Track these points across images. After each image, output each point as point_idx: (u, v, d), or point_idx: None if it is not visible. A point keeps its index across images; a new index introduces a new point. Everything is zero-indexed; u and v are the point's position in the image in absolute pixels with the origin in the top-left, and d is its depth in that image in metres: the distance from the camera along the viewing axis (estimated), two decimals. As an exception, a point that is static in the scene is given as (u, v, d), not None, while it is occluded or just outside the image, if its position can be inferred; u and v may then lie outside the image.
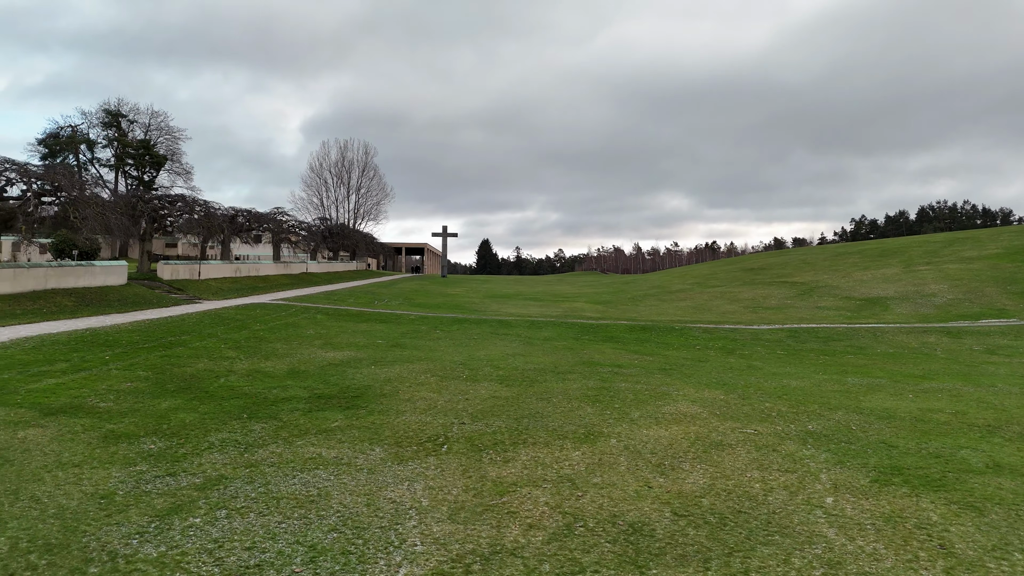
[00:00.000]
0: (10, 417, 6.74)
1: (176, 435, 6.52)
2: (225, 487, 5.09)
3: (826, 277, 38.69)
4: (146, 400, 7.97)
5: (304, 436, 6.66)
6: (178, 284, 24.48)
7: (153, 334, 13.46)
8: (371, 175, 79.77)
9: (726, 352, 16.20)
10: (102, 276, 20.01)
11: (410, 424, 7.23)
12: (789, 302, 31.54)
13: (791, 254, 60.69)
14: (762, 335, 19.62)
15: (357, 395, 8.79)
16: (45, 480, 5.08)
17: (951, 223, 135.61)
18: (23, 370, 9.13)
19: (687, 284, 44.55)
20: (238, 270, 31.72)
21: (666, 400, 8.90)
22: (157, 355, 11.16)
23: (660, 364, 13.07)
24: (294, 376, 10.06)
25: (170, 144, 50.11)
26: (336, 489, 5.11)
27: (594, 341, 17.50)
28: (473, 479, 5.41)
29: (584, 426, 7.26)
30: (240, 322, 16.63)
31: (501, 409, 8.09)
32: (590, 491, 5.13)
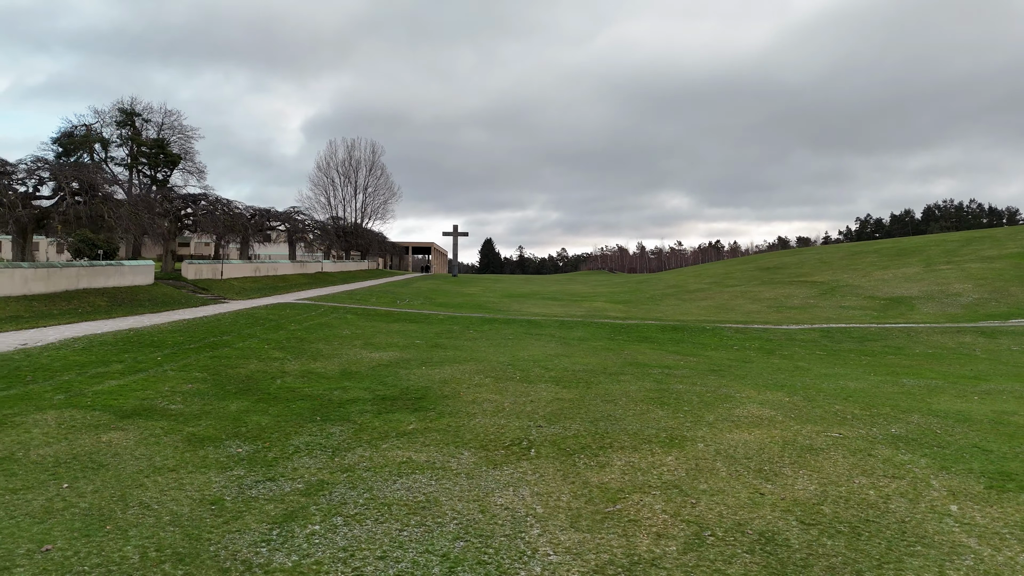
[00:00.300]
0: (88, 420, 6.66)
1: (258, 438, 6.43)
2: (330, 493, 5.00)
3: (846, 276, 38.46)
4: (213, 402, 7.89)
5: (385, 439, 6.56)
6: (202, 284, 24.44)
7: (195, 335, 13.39)
8: (378, 174, 79.50)
9: (766, 352, 16.06)
10: (131, 276, 19.97)
11: (487, 427, 7.12)
12: (812, 301, 31.34)
13: (806, 253, 60.38)
14: (795, 335, 19.46)
15: (420, 397, 8.69)
16: (147, 485, 5.00)
17: (957, 222, 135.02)
18: (81, 371, 9.06)
19: (704, 283, 44.35)
20: (257, 269, 31.68)
21: (732, 403, 8.77)
22: (206, 356, 11.08)
23: (707, 365, 12.93)
24: (348, 377, 9.97)
25: (183, 143, 50.13)
26: (443, 495, 5.01)
27: (629, 341, 17.38)
28: (576, 485, 5.30)
29: (664, 430, 7.15)
30: (274, 322, 16.56)
31: (570, 412, 7.98)
32: (702, 498, 5.01)
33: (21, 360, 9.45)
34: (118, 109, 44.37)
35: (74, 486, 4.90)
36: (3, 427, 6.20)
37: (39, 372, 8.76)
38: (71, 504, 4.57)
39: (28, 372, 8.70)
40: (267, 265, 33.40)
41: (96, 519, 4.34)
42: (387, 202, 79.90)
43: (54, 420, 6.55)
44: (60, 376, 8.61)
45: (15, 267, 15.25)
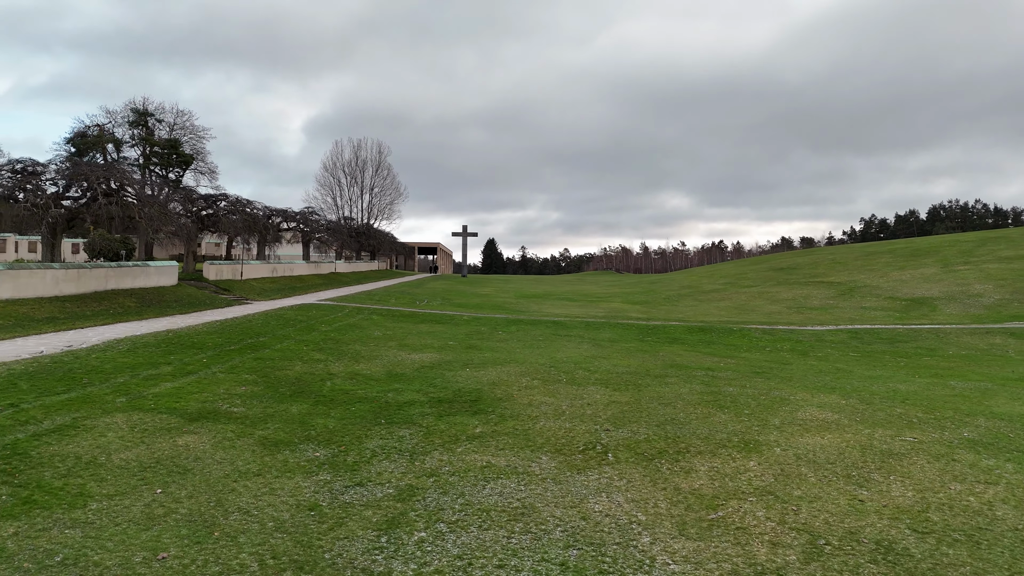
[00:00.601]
0: (157, 423, 6.61)
1: (330, 442, 6.36)
2: (424, 498, 4.93)
3: (863, 277, 38.29)
4: (272, 404, 7.83)
5: (457, 443, 6.49)
6: (223, 284, 24.43)
7: (231, 336, 13.35)
8: (384, 174, 79.47)
9: (799, 354, 15.96)
10: (156, 277, 19.95)
11: (554, 431, 7.05)
12: (832, 302, 31.20)
13: (819, 253, 60.16)
14: (824, 336, 19.34)
15: (474, 399, 8.62)
16: (239, 491, 4.94)
17: (962, 223, 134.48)
18: (133, 373, 9.02)
19: (718, 284, 44.22)
20: (274, 270, 31.67)
21: (790, 405, 8.68)
22: (249, 358, 11.04)
23: (747, 367, 12.84)
24: (396, 379, 9.91)
25: (195, 143, 50.21)
26: (537, 501, 4.94)
27: (660, 343, 17.29)
28: (668, 491, 5.22)
29: (734, 434, 7.06)
30: (304, 324, 16.52)
31: (632, 415, 7.90)
32: (802, 505, 4.93)
33: (71, 362, 9.42)
34: (131, 109, 44.46)
35: (167, 491, 4.84)
36: (77, 431, 6.15)
37: (92, 374, 8.72)
38: (171, 510, 4.51)
39: (82, 374, 8.66)
40: (283, 266, 33.41)
41: (201, 525, 4.29)
42: (393, 202, 79.93)
43: (125, 423, 6.50)
44: (115, 378, 8.57)
45: (46, 268, 15.24)
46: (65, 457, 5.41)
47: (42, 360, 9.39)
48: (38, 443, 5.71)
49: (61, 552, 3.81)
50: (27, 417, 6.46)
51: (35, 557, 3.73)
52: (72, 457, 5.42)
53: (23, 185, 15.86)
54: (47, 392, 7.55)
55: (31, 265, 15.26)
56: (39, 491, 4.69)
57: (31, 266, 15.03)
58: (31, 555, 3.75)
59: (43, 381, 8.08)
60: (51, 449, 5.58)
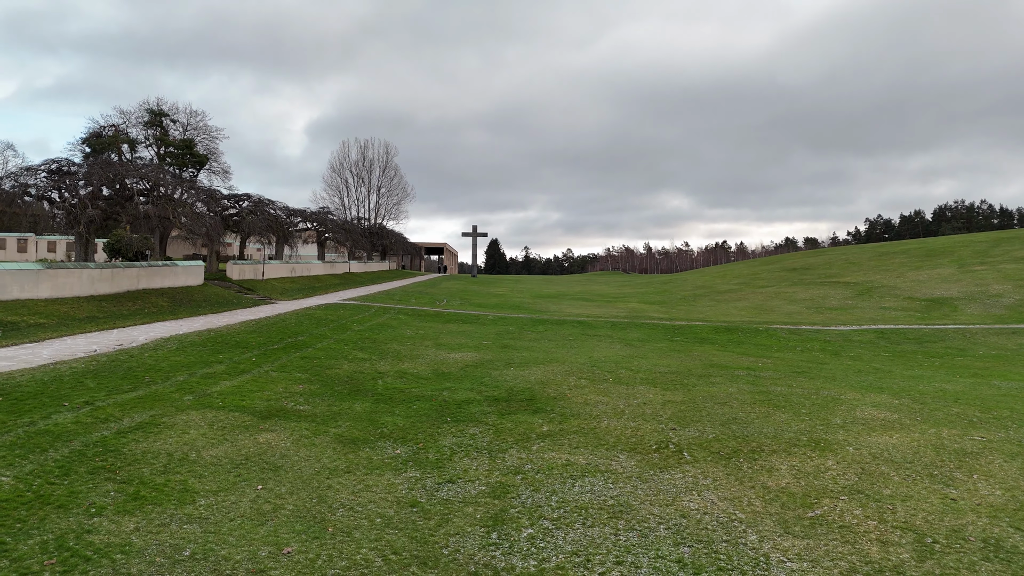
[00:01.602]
0: (233, 421, 6.66)
1: (405, 439, 6.40)
2: (518, 495, 4.96)
3: (879, 277, 38.17)
4: (335, 403, 7.88)
5: (528, 440, 6.52)
6: (246, 284, 24.53)
7: (270, 335, 13.42)
8: (391, 175, 79.31)
9: (831, 354, 15.94)
10: (183, 276, 20.05)
11: (620, 429, 7.07)
12: (851, 302, 31.12)
13: (831, 254, 59.98)
14: (851, 336, 19.31)
15: (529, 399, 8.65)
16: (335, 487, 4.97)
17: (968, 223, 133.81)
18: (190, 372, 9.08)
19: (733, 284, 44.15)
20: (293, 270, 31.79)
21: (844, 405, 8.68)
22: (295, 357, 11.09)
23: (786, 367, 12.83)
24: (444, 378, 9.95)
25: (208, 144, 50.32)
26: (631, 499, 4.96)
27: (689, 342, 17.28)
28: (757, 489, 5.23)
29: (801, 433, 7.07)
30: (336, 323, 16.58)
31: (692, 415, 7.92)
32: (896, 504, 4.94)
33: (127, 360, 9.49)
34: (146, 110, 44.64)
35: (267, 487, 4.88)
36: (160, 428, 6.21)
37: (152, 372, 8.78)
38: (278, 506, 4.55)
39: (142, 372, 8.73)
40: (301, 266, 33.54)
41: (311, 521, 4.32)
42: (400, 202, 79.77)
43: (202, 421, 6.55)
44: (174, 376, 8.63)
45: (83, 267, 15.34)
46: (157, 454, 5.46)
47: (99, 359, 9.46)
48: (126, 440, 5.77)
49: (188, 547, 3.85)
50: (106, 415, 6.52)
51: (164, 552, 3.78)
52: (164, 454, 5.47)
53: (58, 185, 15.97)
54: (115, 390, 7.61)
55: (68, 265, 15.37)
56: (144, 487, 4.74)
57: (68, 266, 15.14)
58: (159, 550, 3.80)
59: (108, 379, 8.15)
60: (141, 447, 5.63)
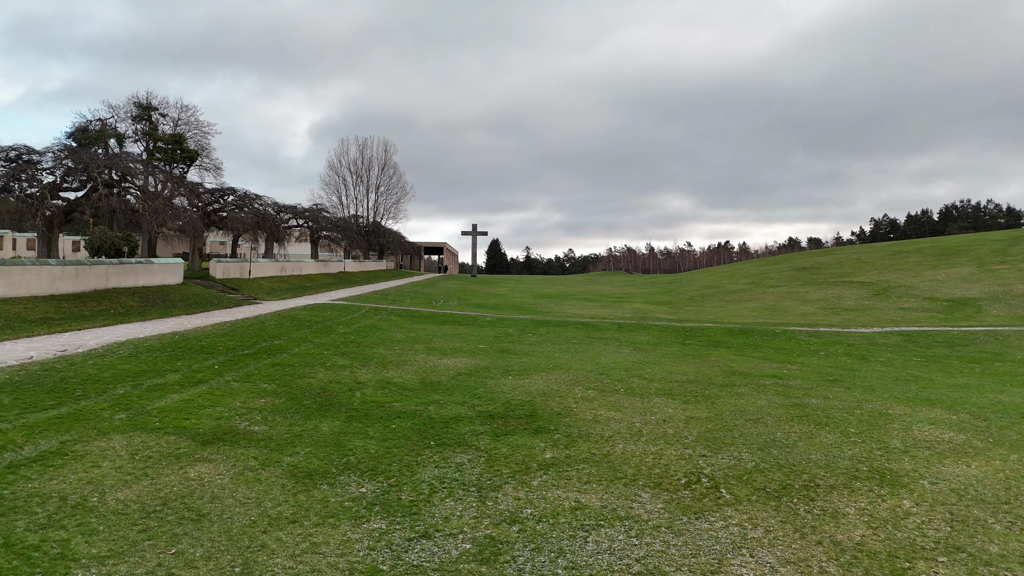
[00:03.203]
0: (164, 448, 5.47)
1: (376, 471, 5.21)
2: (513, 559, 3.77)
3: (894, 277, 36.94)
4: (298, 421, 6.69)
5: (528, 473, 5.34)
6: (231, 283, 23.35)
7: (243, 339, 12.23)
8: (390, 173, 77.97)
9: (858, 358, 14.73)
10: (160, 275, 18.87)
11: (640, 456, 5.88)
12: (867, 303, 29.89)
13: (841, 253, 58.70)
14: (875, 339, 18.09)
15: (529, 414, 7.46)
16: (271, 547, 3.78)
17: (974, 222, 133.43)
18: (136, 383, 7.89)
19: (741, 284, 42.92)
20: (283, 269, 30.61)
21: (896, 422, 7.49)
22: (266, 364, 9.90)
23: (815, 374, 11.63)
24: (433, 389, 8.76)
25: (199, 139, 49.07)
26: (663, 562, 3.77)
27: (702, 346, 16.08)
28: (827, 546, 4.04)
29: (859, 460, 5.87)
30: (320, 325, 15.40)
31: (722, 435, 6.73)
32: (1017, 570, 3.75)
33: (64, 370, 8.30)
34: (134, 103, 43.35)
35: (180, 548, 3.69)
36: (65, 460, 5.02)
37: (89, 384, 7.59)
38: (184, 581, 3.36)
39: (76, 384, 7.54)
40: (292, 264, 32.34)
41: (225, 607, 3.14)
42: (400, 201, 78.56)
43: (124, 449, 5.36)
44: (114, 389, 7.44)
45: (42, 264, 14.17)
46: (47, 497, 4.27)
47: (30, 367, 8.27)
48: (14, 478, 4.58)
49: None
50: (4, 441, 5.33)
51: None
52: (56, 498, 4.28)
53: (17, 175, 14.76)
54: (33, 407, 6.43)
55: (24, 261, 14.20)
56: (5, 553, 3.54)
57: (24, 262, 13.96)
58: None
59: (29, 393, 6.96)
60: (30, 486, 4.45)
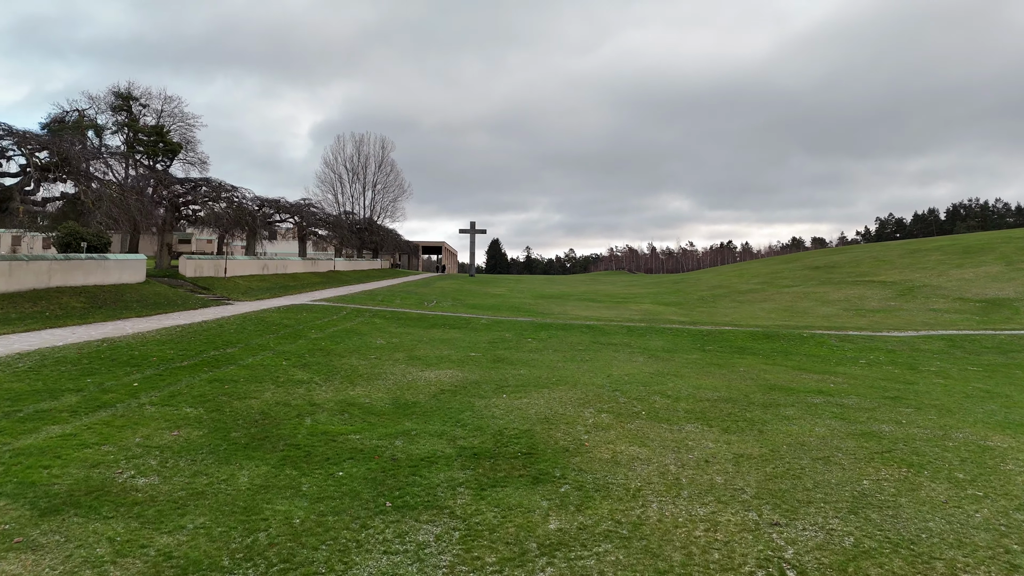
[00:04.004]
0: (-23, 522, 3.71)
1: (290, 563, 3.45)
2: None
3: (917, 276, 35.18)
4: (209, 468, 4.93)
5: (526, 560, 3.58)
6: (203, 282, 21.58)
7: (190, 346, 10.47)
8: (388, 170, 76.15)
9: (907, 367, 12.97)
10: (116, 272, 17.11)
11: (686, 528, 4.13)
12: (893, 304, 28.11)
13: (855, 251, 56.91)
14: (917, 344, 16.32)
15: (527, 452, 5.71)
16: None
17: (983, 221, 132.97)
18: (12, 408, 6.13)
19: (753, 284, 41.13)
20: (265, 267, 28.80)
21: (1011, 459, 5.74)
22: (204, 379, 8.14)
23: (867, 388, 9.87)
24: (407, 413, 7.00)
25: (184, 131, 47.49)
26: None
27: (725, 352, 14.31)
28: None
29: (1004, 534, 4.12)
30: (291, 329, 13.64)
31: (791, 485, 4.98)
32: None
33: (-73, 390, 6.54)
34: (113, 93, 41.77)
35: None
36: None
37: (-56, 412, 5.83)
38: None
39: (-74, 412, 5.77)
40: (276, 263, 30.51)
41: None
42: (397, 199, 76.85)
43: (-91, 526, 3.60)
44: (-27, 419, 5.67)
45: (-32, 260, 12.42)
46: None
47: None
48: None
49: None
50: None
51: None
52: None
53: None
54: None
55: (-54, 256, 12.42)
56: None
57: (-54, 257, 12.20)
58: None
59: None
60: None
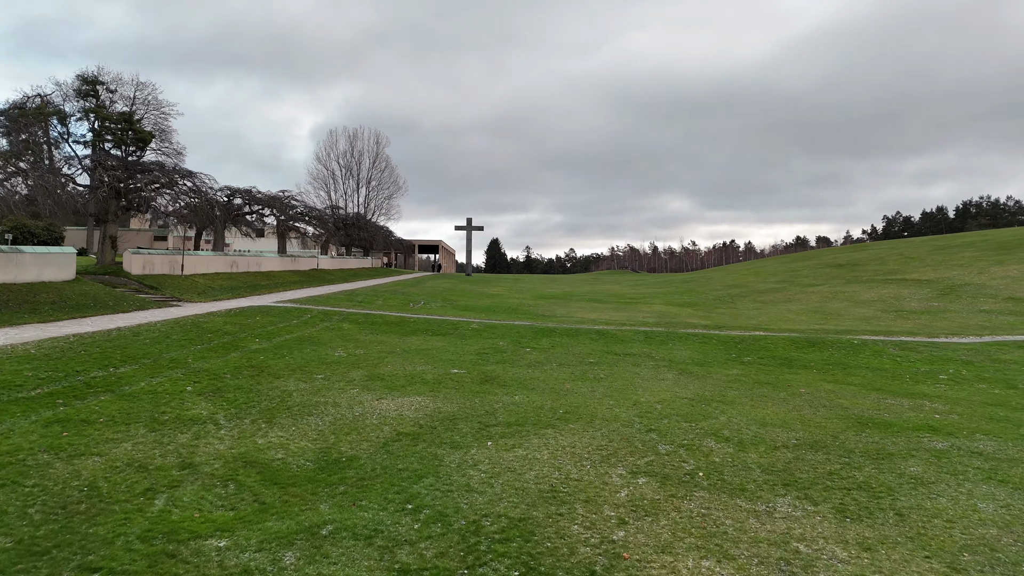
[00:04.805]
0: None
1: None
2: None
3: (955, 274, 32.64)
4: None
5: None
6: (152, 280, 19.05)
7: (68, 364, 7.93)
8: (382, 166, 73.61)
9: (1004, 385, 10.45)
10: (35, 269, 14.58)
11: None
12: (936, 304, 25.57)
13: (877, 248, 54.40)
14: (993, 353, 13.78)
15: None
16: None
17: (994, 219, 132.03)
18: None
19: (771, 283, 38.57)
20: (235, 264, 26.25)
21: None
22: (41, 420, 5.59)
23: (988, 422, 7.35)
24: (331, 481, 4.48)
25: (158, 120, 44.78)
26: None
27: (768, 365, 11.78)
28: None
29: None
30: (229, 337, 11.10)
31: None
32: None
33: None
34: (78, 76, 39.14)
35: None
36: None
37: None
38: None
39: None
40: (248, 259, 27.93)
41: None
42: (392, 197, 74.38)
43: None
44: None
45: None
46: None
47: None
48: None
49: None
50: None
51: None
52: None
53: None
54: None
55: None
56: None
57: None
58: None
59: None
60: None
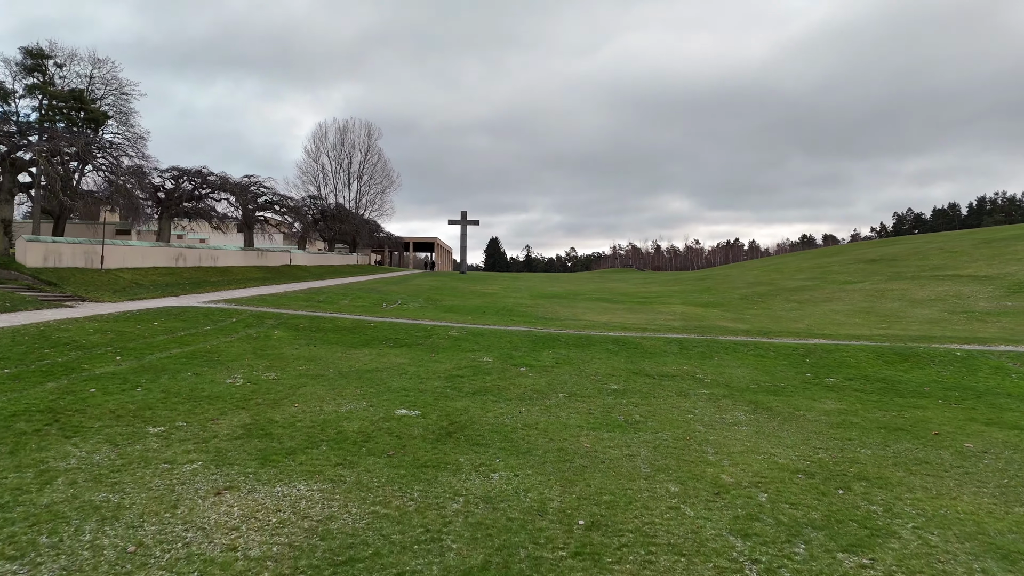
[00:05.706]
0: None
1: None
2: None
3: (1016, 269, 29.24)
4: None
5: None
6: (53, 275, 15.70)
7: None
8: (374, 160, 70.23)
9: None
10: None
11: None
12: (1010, 304, 22.11)
13: (913, 242, 51.05)
14: None
15: None
16: None
17: (1008, 216, 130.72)
18: None
19: (800, 280, 35.14)
20: (181, 257, 22.84)
21: None
22: None
23: None
24: None
25: (118, 101, 41.34)
26: None
27: (867, 392, 8.37)
28: None
29: None
30: (78, 353, 7.69)
31: None
32: None
33: None
34: (21, 49, 35.71)
35: None
36: None
37: None
38: None
39: None
40: (200, 252, 24.50)
41: None
42: (386, 191, 71.02)
43: None
44: None
45: None
46: None
47: None
48: None
49: None
50: None
51: None
52: None
53: None
54: None
55: None
56: None
57: None
58: None
59: None
60: None
